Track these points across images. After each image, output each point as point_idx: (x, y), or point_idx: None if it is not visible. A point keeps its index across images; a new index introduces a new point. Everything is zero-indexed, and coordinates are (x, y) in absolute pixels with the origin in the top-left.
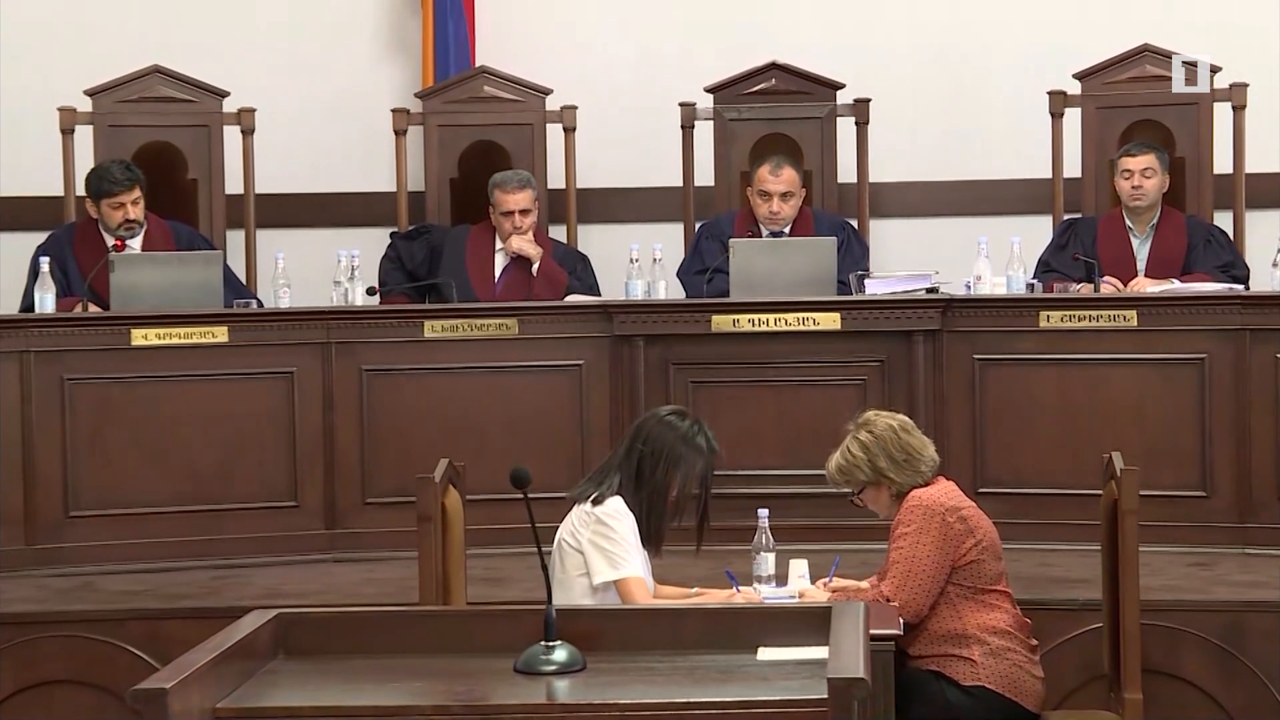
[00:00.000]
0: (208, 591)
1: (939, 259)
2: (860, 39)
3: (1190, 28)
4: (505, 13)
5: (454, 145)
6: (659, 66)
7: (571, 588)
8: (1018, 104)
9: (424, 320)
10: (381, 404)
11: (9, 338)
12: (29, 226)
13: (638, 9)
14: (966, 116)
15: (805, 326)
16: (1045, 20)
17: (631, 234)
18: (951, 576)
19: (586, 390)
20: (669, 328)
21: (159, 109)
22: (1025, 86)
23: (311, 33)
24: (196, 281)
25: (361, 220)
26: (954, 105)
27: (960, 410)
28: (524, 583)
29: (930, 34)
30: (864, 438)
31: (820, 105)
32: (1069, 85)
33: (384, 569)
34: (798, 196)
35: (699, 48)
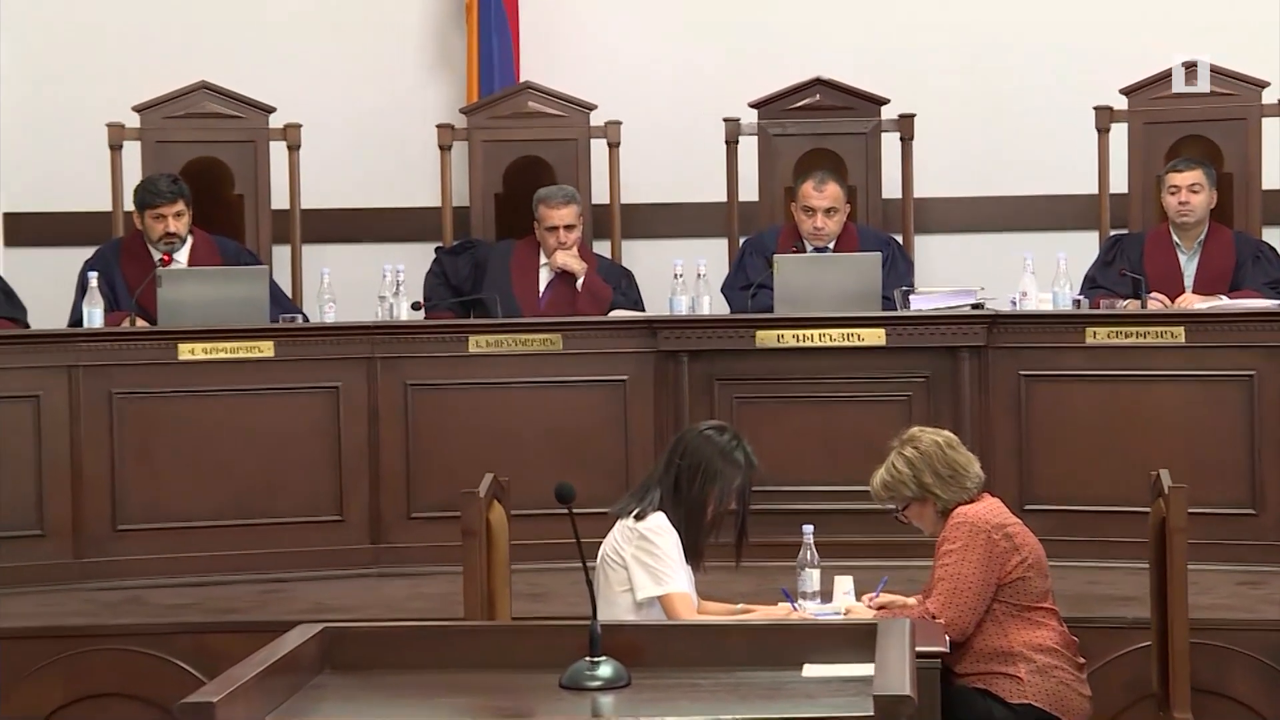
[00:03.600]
0: (254, 605)
1: (984, 275)
2: (905, 54)
3: (1237, 44)
4: (550, 28)
5: (499, 160)
6: (703, 82)
7: (615, 603)
8: (1064, 119)
9: (468, 335)
10: (426, 419)
11: (57, 352)
12: (77, 242)
13: (682, 25)
14: (1012, 132)
15: (849, 342)
16: (1091, 35)
17: (675, 249)
18: (997, 594)
19: (630, 405)
20: (713, 343)
21: (206, 125)
22: (1071, 102)
23: (357, 49)
24: (242, 296)
25: (406, 235)
26: (999, 120)
27: (1006, 427)
28: (568, 598)
29: (975, 49)
30: (909, 454)
31: (865, 120)
32: (1115, 100)
33: (429, 584)
34: (842, 212)
35: (743, 63)
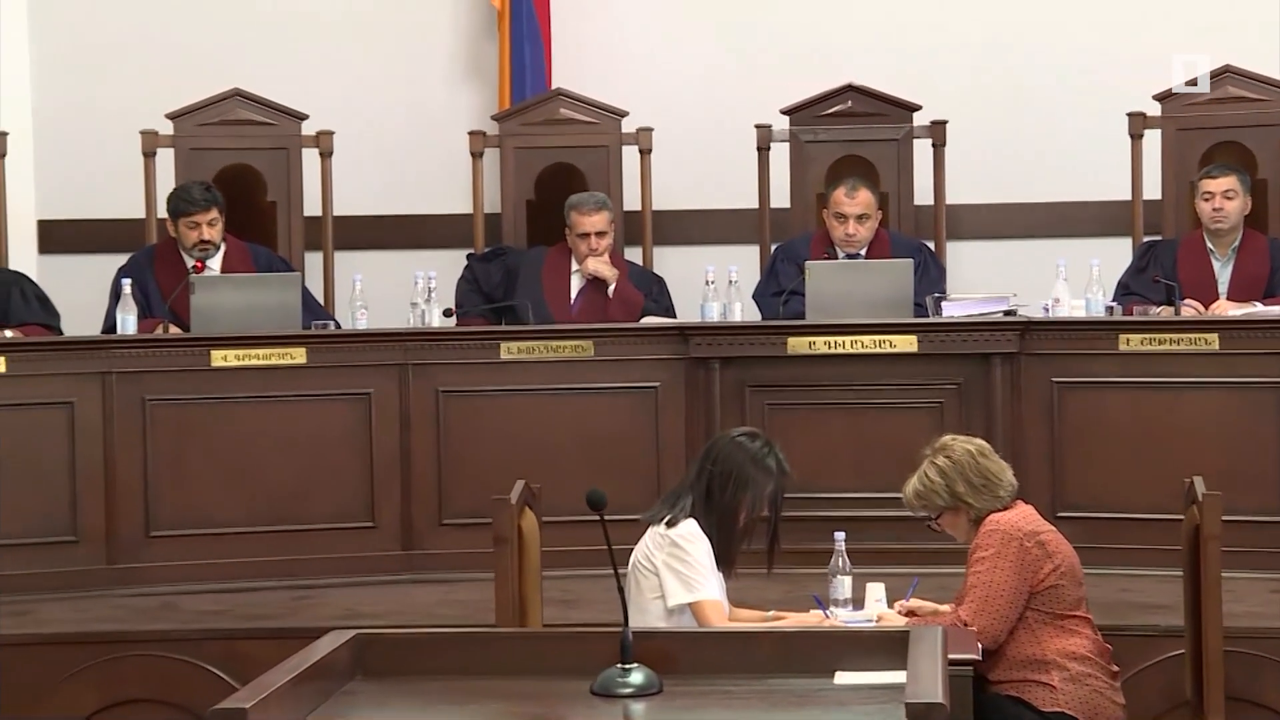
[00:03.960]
0: (286, 612)
1: (1017, 281)
2: (937, 60)
3: (1269, 50)
4: (581, 35)
5: (530, 167)
6: (735, 89)
7: (647, 610)
8: (1097, 125)
9: (500, 342)
10: (458, 425)
11: (91, 359)
12: (111, 249)
13: (714, 31)
14: (1045, 138)
15: (881, 349)
16: (1125, 40)
17: (707, 256)
18: (1030, 601)
19: (662, 412)
20: (744, 350)
21: (239, 132)
22: (1104, 107)
23: (389, 56)
24: (275, 303)
25: (438, 242)
26: (1032, 126)
27: (1039, 434)
28: (599, 605)
29: (1008, 55)
30: (941, 463)
31: (896, 127)
32: (1149, 106)
33: (460, 590)
34: (874, 219)
35: (775, 70)
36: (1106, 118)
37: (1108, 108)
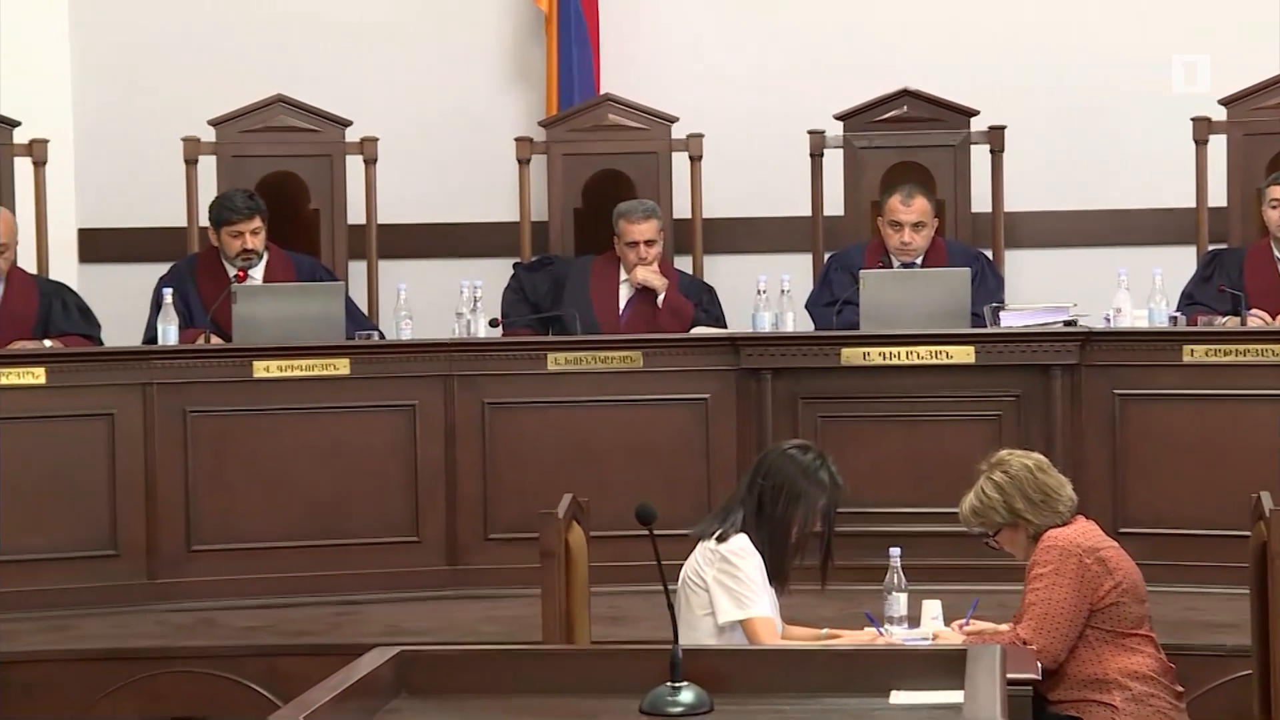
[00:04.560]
0: (328, 628)
1: (1077, 291)
2: (995, 64)
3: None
4: (630, 39)
5: (578, 174)
6: (787, 93)
7: (697, 627)
8: (1160, 130)
9: (547, 352)
10: (504, 437)
11: (132, 370)
12: (152, 258)
13: (766, 35)
14: (1106, 143)
15: (938, 360)
16: (1188, 44)
17: (759, 265)
18: (1091, 619)
19: (712, 424)
20: (797, 361)
21: (282, 139)
22: (1167, 112)
23: (434, 61)
24: (318, 313)
25: (484, 251)
26: (1093, 131)
27: (1100, 448)
28: (648, 621)
29: (1068, 58)
30: (999, 478)
31: (953, 133)
32: (1214, 111)
33: (506, 606)
34: (930, 226)
35: (828, 74)
36: (1170, 122)
37: (1171, 112)
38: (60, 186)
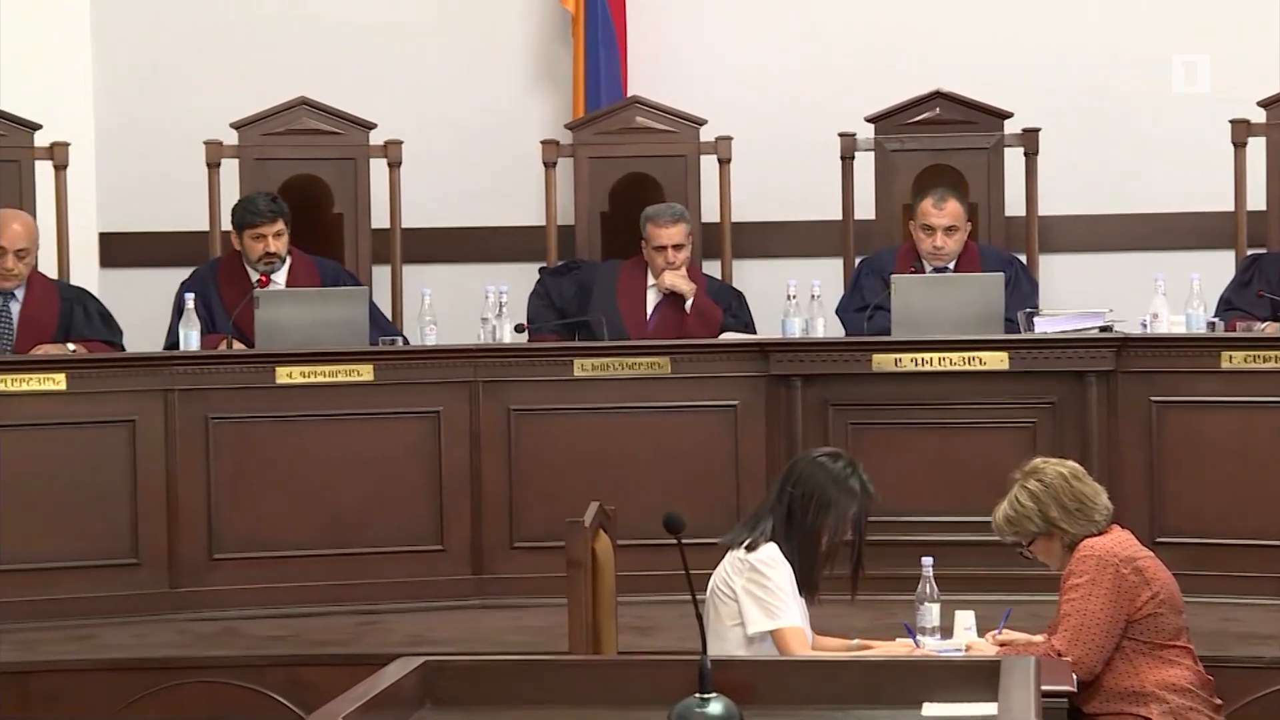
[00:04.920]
0: (351, 637)
1: (1113, 296)
2: (1029, 65)
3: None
4: (658, 41)
5: (605, 177)
6: (818, 95)
7: (725, 637)
8: (1197, 133)
9: (574, 358)
10: (530, 445)
11: (153, 376)
12: (174, 262)
13: (796, 36)
14: (1142, 146)
15: (971, 366)
16: (1226, 45)
17: (789, 269)
18: (1127, 631)
19: (741, 432)
20: (828, 367)
21: (305, 141)
22: (1204, 114)
23: (459, 63)
24: (342, 318)
25: (510, 255)
26: (1129, 134)
27: (1136, 455)
28: (676, 631)
29: (1103, 59)
30: (1033, 487)
31: (986, 135)
32: (1252, 113)
33: (532, 616)
34: (963, 230)
35: (859, 76)
36: (1207, 124)
37: (1209, 114)
38: (81, 190)
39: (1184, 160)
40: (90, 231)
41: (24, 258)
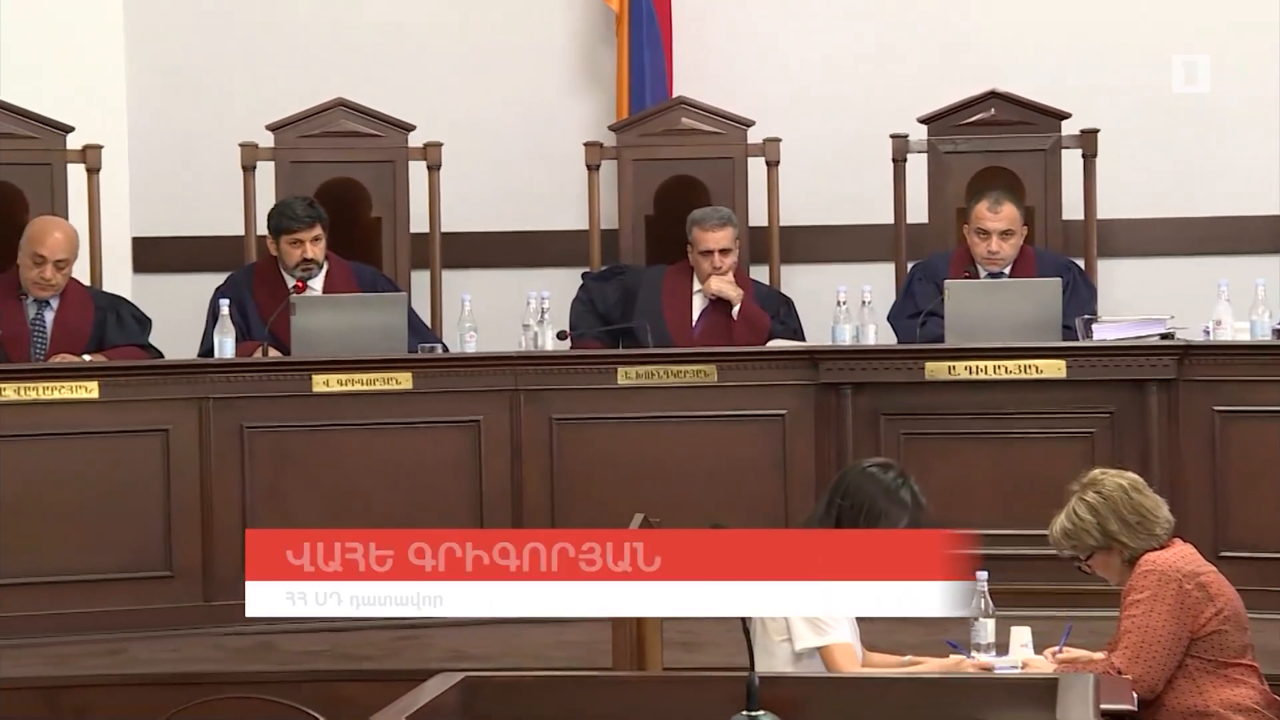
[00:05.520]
0: (389, 653)
1: (1174, 302)
2: (1087, 64)
3: None
4: (704, 40)
5: (650, 180)
6: (868, 96)
7: (773, 654)
8: (1261, 134)
9: (617, 366)
10: (572, 454)
11: (187, 384)
12: (208, 268)
13: (846, 35)
14: (1204, 147)
15: (1027, 375)
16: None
17: (839, 275)
18: (1190, 648)
19: (789, 441)
20: (879, 375)
21: (342, 144)
22: (1268, 115)
23: (500, 63)
24: (379, 325)
25: (552, 260)
26: (1190, 134)
27: (1199, 467)
28: (723, 648)
29: (1162, 58)
30: (1091, 499)
31: (1043, 136)
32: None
33: (574, 631)
34: (1019, 234)
35: (912, 76)
36: (1270, 125)
37: (1270, 114)
38: (114, 194)
39: (1249, 162)
40: (123, 236)
41: (63, 268)
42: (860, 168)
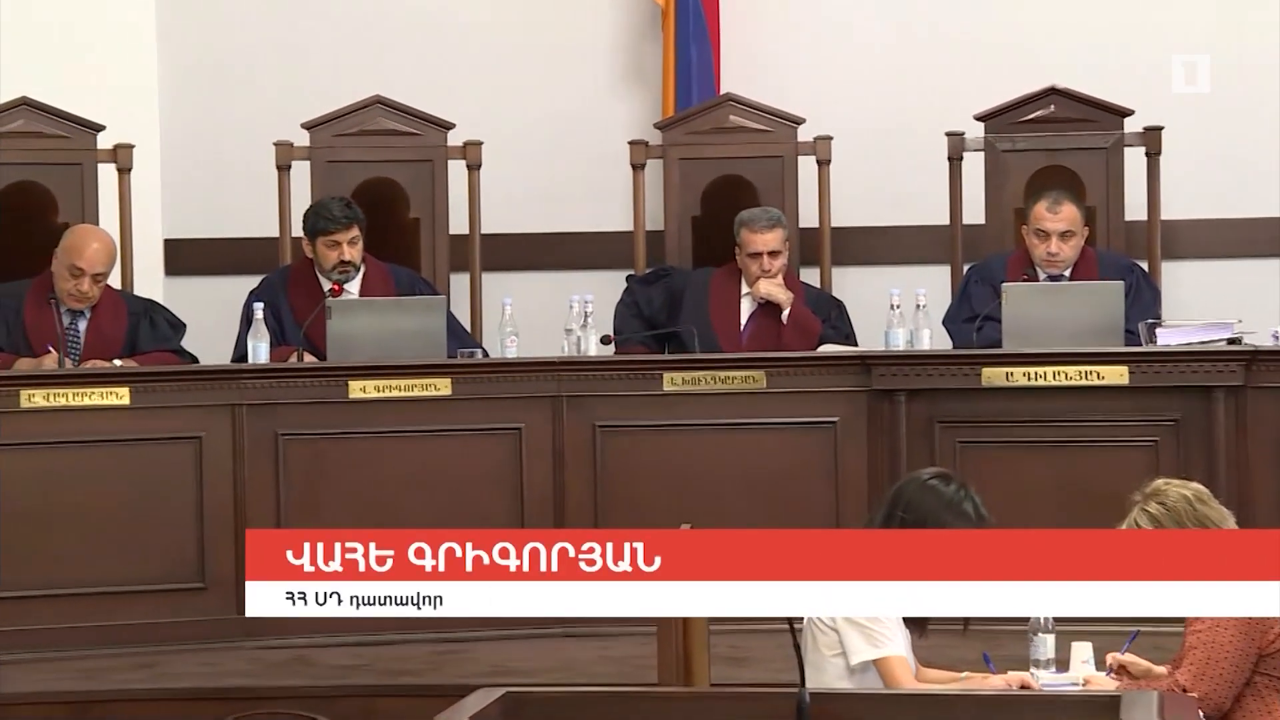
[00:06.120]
0: (429, 667)
1: (1241, 306)
2: (1149, 60)
3: None
4: (753, 35)
5: (696, 180)
6: (922, 92)
7: (825, 669)
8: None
9: (663, 372)
10: (616, 463)
11: (221, 390)
12: (242, 270)
13: (899, 28)
14: (1272, 145)
15: (1088, 381)
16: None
17: (892, 277)
18: (1259, 665)
19: (841, 450)
20: (934, 381)
21: (380, 143)
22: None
23: (542, 60)
24: (418, 329)
25: (595, 262)
26: (1257, 132)
27: (1267, 477)
28: (772, 663)
29: (1229, 53)
30: (1154, 510)
31: (1105, 134)
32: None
33: (618, 645)
34: (1079, 236)
35: (968, 71)
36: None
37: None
38: (146, 194)
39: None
40: (155, 238)
41: (100, 280)
42: (915, 166)
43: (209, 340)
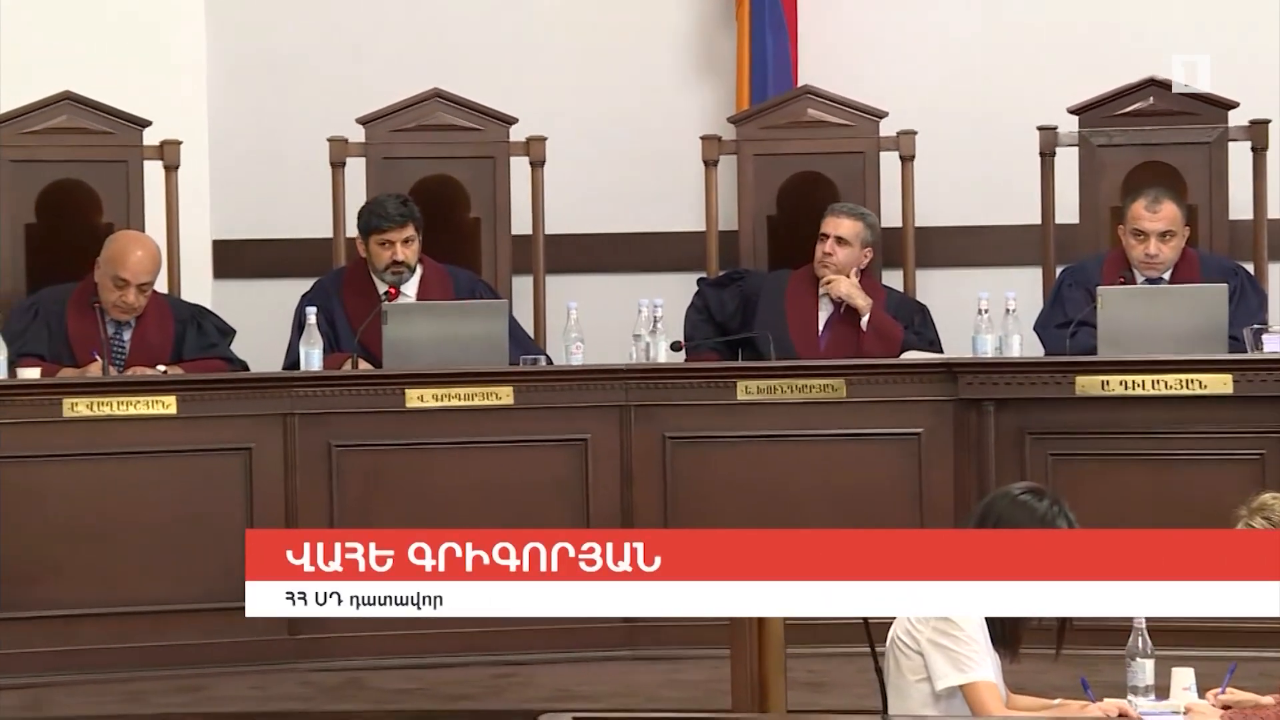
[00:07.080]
0: (488, 691)
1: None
2: (1255, 49)
3: None
4: (832, 25)
5: (773, 177)
6: (1013, 84)
7: (909, 694)
8: None
9: (737, 380)
10: (687, 476)
11: (272, 398)
12: (294, 272)
13: (987, 18)
14: None
15: (1189, 390)
16: None
17: (980, 280)
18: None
19: (926, 462)
20: (1025, 390)
21: (439, 138)
22: None
23: (610, 51)
24: (478, 335)
25: (665, 264)
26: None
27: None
28: (853, 688)
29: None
30: (1259, 525)
31: (1208, 129)
32: None
33: (689, 669)
34: (1180, 236)
35: (1061, 61)
36: None
37: None
38: (194, 193)
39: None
40: (203, 239)
41: (145, 290)
42: (1004, 163)
43: (260, 346)
